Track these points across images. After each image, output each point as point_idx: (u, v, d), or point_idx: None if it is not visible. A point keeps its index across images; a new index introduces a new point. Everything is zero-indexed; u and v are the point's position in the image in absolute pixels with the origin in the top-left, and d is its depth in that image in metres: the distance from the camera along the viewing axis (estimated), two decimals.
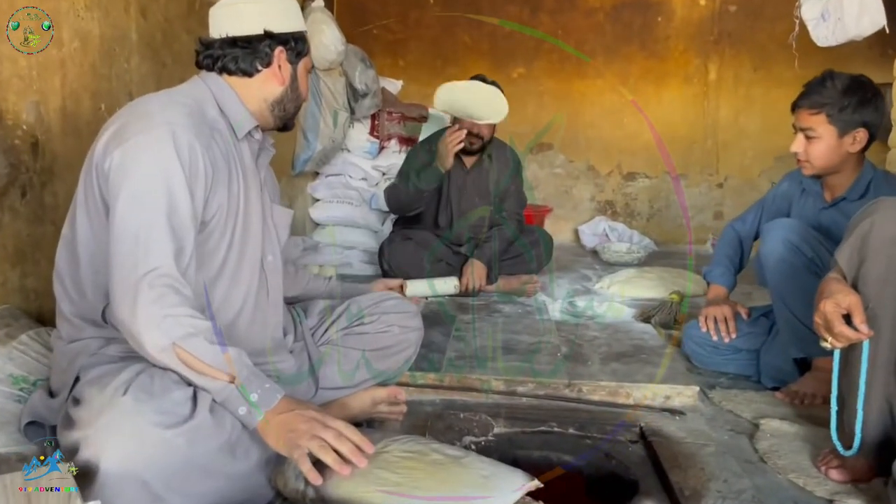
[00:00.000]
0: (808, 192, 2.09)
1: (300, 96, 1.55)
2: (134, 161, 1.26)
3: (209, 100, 1.43)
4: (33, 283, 1.80)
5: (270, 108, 1.51)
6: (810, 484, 1.46)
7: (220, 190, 1.37)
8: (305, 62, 1.55)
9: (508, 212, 3.31)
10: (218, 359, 1.21)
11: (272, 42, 1.46)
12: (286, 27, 1.48)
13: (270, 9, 1.47)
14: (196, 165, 1.30)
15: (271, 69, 1.48)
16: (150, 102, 1.38)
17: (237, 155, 1.44)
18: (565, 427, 1.79)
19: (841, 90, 1.93)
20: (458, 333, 2.36)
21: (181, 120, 1.31)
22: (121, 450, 1.10)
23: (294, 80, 1.53)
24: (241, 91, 1.47)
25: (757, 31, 4.46)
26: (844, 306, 1.40)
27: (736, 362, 2.13)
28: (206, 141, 1.34)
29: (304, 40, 1.53)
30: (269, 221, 1.56)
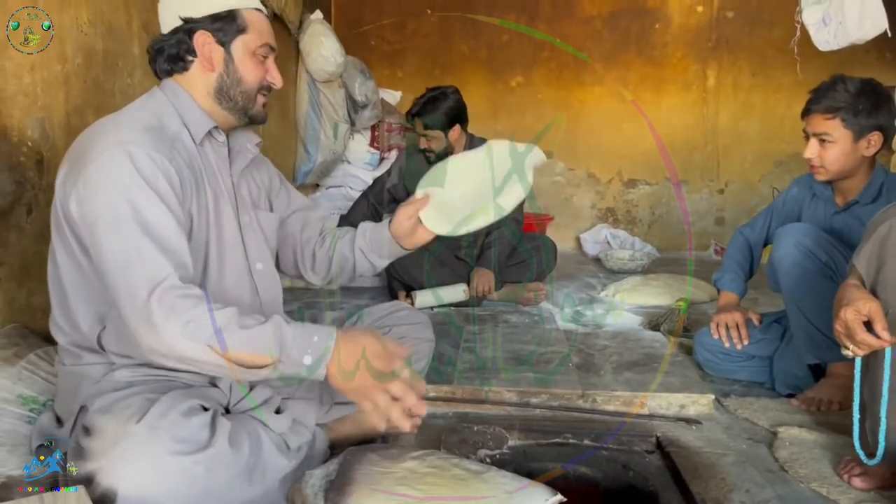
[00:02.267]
0: (819, 196, 2.09)
1: (242, 80, 1.40)
2: (96, 193, 1.20)
3: (168, 109, 1.36)
4: (39, 301, 1.78)
5: (216, 101, 1.40)
6: (834, 493, 1.44)
7: (190, 201, 1.32)
8: (245, 40, 1.39)
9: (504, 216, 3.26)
10: (255, 342, 1.16)
11: (192, 28, 1.37)
12: (202, 10, 1.36)
13: None
14: (164, 174, 1.24)
15: (200, 58, 1.38)
16: (101, 125, 1.32)
17: (201, 163, 1.37)
18: (581, 438, 1.77)
19: (854, 94, 1.92)
20: (468, 345, 2.34)
21: (135, 136, 1.25)
22: (138, 479, 1.08)
23: (229, 63, 1.39)
24: (191, 90, 1.39)
25: (755, 36, 4.48)
26: (865, 313, 1.39)
27: (749, 369, 2.12)
28: (168, 153, 1.27)
29: (234, 18, 1.38)
30: (255, 227, 1.49)
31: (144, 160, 1.22)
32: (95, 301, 1.31)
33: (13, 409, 1.47)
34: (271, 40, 1.43)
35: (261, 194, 1.57)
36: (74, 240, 1.28)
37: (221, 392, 1.34)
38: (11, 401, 1.48)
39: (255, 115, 1.44)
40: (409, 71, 4.77)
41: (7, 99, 1.67)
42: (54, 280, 1.36)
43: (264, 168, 1.63)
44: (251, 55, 1.39)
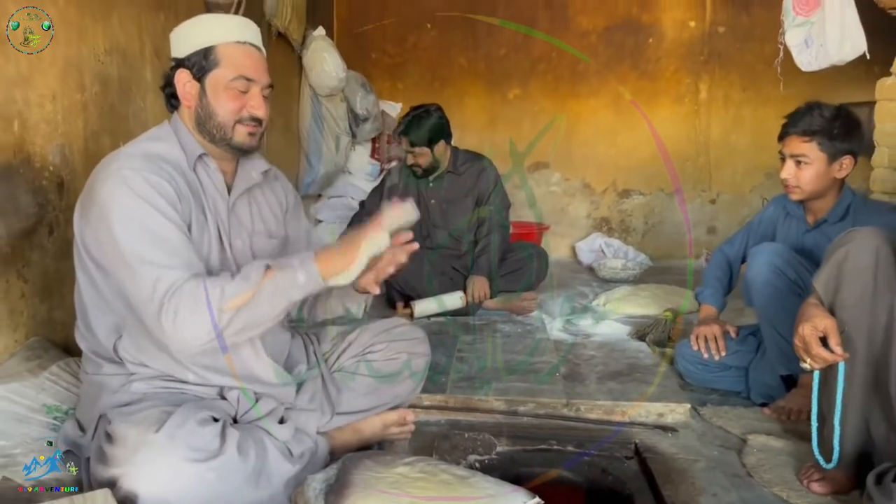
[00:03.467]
0: (792, 215, 2.21)
1: (215, 113, 1.47)
2: (102, 220, 1.35)
3: (171, 138, 1.48)
4: (60, 315, 1.91)
5: (199, 133, 1.50)
6: (793, 496, 1.57)
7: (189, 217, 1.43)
8: (217, 75, 1.46)
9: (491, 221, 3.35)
10: (248, 284, 1.32)
11: (175, 68, 1.50)
12: (185, 50, 1.49)
13: (175, 37, 1.52)
14: (160, 192, 1.36)
15: (181, 92, 1.49)
16: (107, 159, 1.45)
17: (199, 187, 1.48)
18: (565, 445, 1.90)
19: (829, 119, 2.04)
20: (461, 354, 2.46)
21: (132, 163, 1.38)
22: (158, 483, 1.21)
23: (202, 98, 1.48)
24: (187, 122, 1.51)
25: (745, 52, 4.59)
26: (821, 329, 1.51)
27: (726, 379, 2.23)
28: (166, 175, 1.39)
29: (209, 54, 1.46)
30: (247, 252, 1.56)
31: (139, 181, 1.35)
32: (111, 313, 1.45)
33: (39, 417, 1.60)
34: (250, 72, 1.48)
35: (270, 216, 1.66)
36: (91, 262, 1.42)
37: (230, 404, 1.47)
38: (37, 409, 1.61)
39: (238, 144, 1.50)
40: (410, 83, 4.89)
41: (31, 127, 1.80)
42: (77, 294, 1.50)
43: (280, 188, 1.71)
44: (225, 89, 1.46)
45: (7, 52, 1.69)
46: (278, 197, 1.69)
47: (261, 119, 1.51)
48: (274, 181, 1.70)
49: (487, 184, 3.34)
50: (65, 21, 1.90)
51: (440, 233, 3.33)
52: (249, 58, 1.50)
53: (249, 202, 1.60)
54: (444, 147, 3.23)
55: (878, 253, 1.52)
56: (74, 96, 1.97)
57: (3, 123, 1.69)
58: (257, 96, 1.50)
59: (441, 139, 3.20)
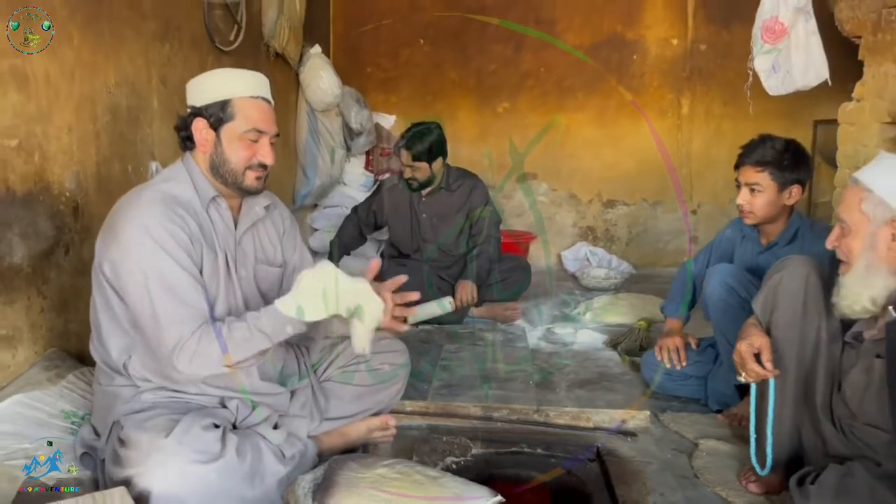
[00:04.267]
0: (748, 237, 2.39)
1: (228, 160, 1.64)
2: (123, 261, 1.53)
3: (185, 178, 1.66)
4: (75, 327, 2.09)
5: (213, 175, 1.67)
6: (732, 496, 1.75)
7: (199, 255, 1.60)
8: (232, 126, 1.63)
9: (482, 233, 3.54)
10: (251, 348, 1.54)
11: (192, 116, 1.66)
12: (203, 100, 1.64)
13: (194, 87, 1.69)
14: (176, 240, 1.54)
15: (197, 139, 1.66)
16: (128, 199, 1.62)
17: (211, 225, 1.65)
18: (534, 448, 2.09)
19: (780, 151, 2.24)
20: (444, 363, 2.65)
21: (152, 210, 1.55)
22: (168, 482, 1.40)
23: (217, 146, 1.64)
24: (199, 165, 1.68)
25: (726, 68, 4.77)
26: (756, 347, 1.70)
27: (687, 387, 2.42)
28: (179, 221, 1.56)
29: (226, 107, 1.62)
30: (251, 280, 1.73)
31: (159, 231, 1.52)
32: (123, 335, 1.63)
33: (58, 422, 1.78)
34: (262, 125, 1.65)
35: (270, 245, 1.83)
36: (109, 287, 1.59)
37: (229, 412, 1.65)
38: (56, 415, 1.79)
39: (247, 188, 1.68)
40: (403, 97, 5.07)
41: (49, 158, 1.98)
42: (93, 312, 1.68)
43: (278, 215, 1.88)
44: (238, 139, 1.63)
45: (29, 91, 1.87)
46: (276, 226, 1.86)
47: (267, 165, 1.69)
48: (273, 210, 1.87)
49: (478, 201, 3.52)
50: (80, 61, 2.08)
51: (429, 246, 3.50)
52: (261, 111, 1.66)
53: (253, 235, 1.78)
54: (441, 163, 3.41)
55: (807, 279, 1.71)
56: (87, 127, 2.16)
57: (25, 156, 1.87)
58: (266, 146, 1.67)
59: (440, 156, 3.39)
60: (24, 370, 1.88)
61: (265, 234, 1.82)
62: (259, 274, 1.77)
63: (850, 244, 1.54)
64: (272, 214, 1.86)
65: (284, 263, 1.85)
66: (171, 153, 2.65)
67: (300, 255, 1.92)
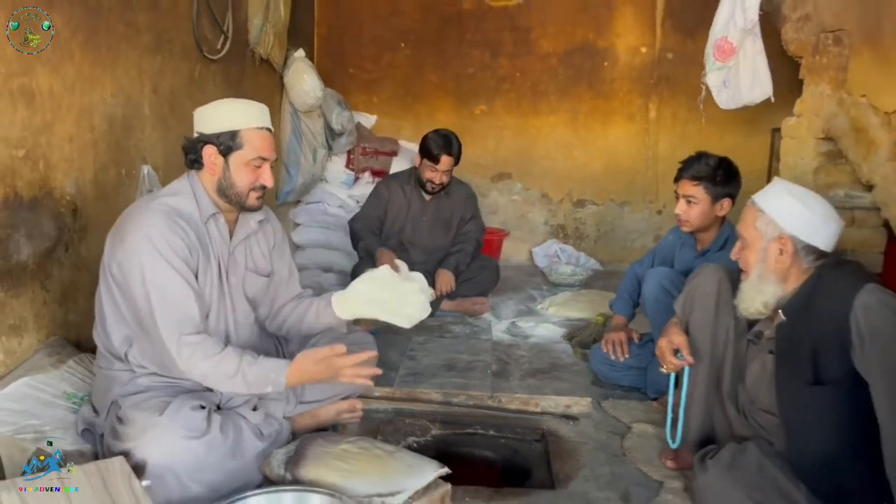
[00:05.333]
0: (686, 244, 2.66)
1: (235, 184, 1.86)
2: (130, 266, 1.76)
3: (188, 193, 1.88)
4: (74, 318, 2.31)
5: (218, 195, 1.89)
6: (651, 471, 2.02)
7: (197, 265, 1.83)
8: (240, 154, 1.84)
9: (468, 234, 3.82)
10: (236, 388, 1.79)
11: (203, 142, 1.87)
12: (214, 128, 1.86)
13: (204, 116, 1.91)
14: (177, 252, 1.76)
15: (207, 163, 1.88)
16: (136, 208, 1.86)
17: (207, 238, 1.88)
18: (487, 430, 2.34)
19: (714, 167, 2.49)
20: (411, 353, 2.90)
21: (154, 220, 1.77)
22: (161, 454, 1.64)
23: (226, 171, 1.86)
24: (204, 184, 1.90)
25: (691, 76, 4.98)
26: (675, 343, 1.96)
27: (629, 377, 2.68)
28: (181, 233, 1.79)
29: (235, 136, 1.84)
30: (240, 287, 1.97)
31: (161, 242, 1.75)
32: (125, 327, 1.86)
33: (60, 402, 2.00)
34: (265, 153, 1.88)
35: (260, 256, 2.05)
36: (115, 285, 1.82)
37: (215, 394, 1.89)
38: (59, 396, 2.02)
39: (249, 206, 1.92)
40: (384, 97, 5.28)
41: (52, 166, 2.19)
42: (98, 304, 1.91)
43: (270, 228, 2.10)
44: (245, 165, 1.86)
45: (35, 106, 2.08)
46: (268, 238, 2.08)
47: (267, 187, 1.91)
48: (266, 224, 2.09)
49: (470, 207, 3.83)
50: (80, 75, 2.30)
51: (418, 249, 3.71)
52: (266, 141, 1.89)
53: (245, 246, 2.01)
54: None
55: (720, 285, 1.97)
56: (86, 136, 2.37)
57: (31, 164, 2.09)
58: (268, 170, 1.90)
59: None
60: (29, 356, 2.10)
61: (256, 246, 2.04)
62: (247, 281, 2.00)
63: (747, 256, 1.79)
64: (264, 228, 2.07)
65: (272, 273, 2.08)
66: (160, 157, 2.88)
67: (289, 266, 2.15)
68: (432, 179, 3.59)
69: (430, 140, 3.58)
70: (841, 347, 1.62)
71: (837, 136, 2.94)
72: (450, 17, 5.14)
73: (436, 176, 3.58)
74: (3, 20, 1.91)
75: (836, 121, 2.93)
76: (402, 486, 1.68)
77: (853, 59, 2.82)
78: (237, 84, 3.68)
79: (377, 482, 1.70)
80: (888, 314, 1.57)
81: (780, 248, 1.73)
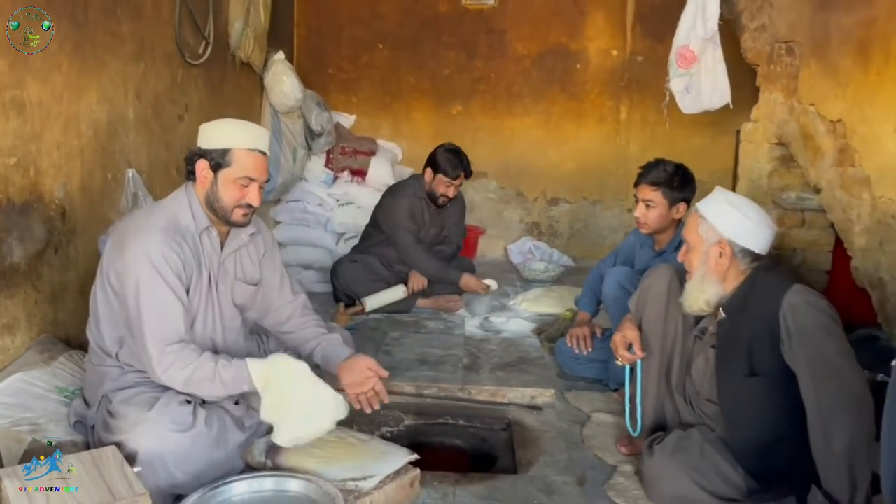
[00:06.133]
0: (645, 245, 2.82)
1: (221, 199, 1.94)
2: (128, 276, 1.87)
3: (185, 205, 1.99)
4: (63, 316, 2.43)
5: (207, 207, 1.98)
6: (607, 456, 2.18)
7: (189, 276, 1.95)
8: (228, 171, 1.93)
9: (450, 239, 4.01)
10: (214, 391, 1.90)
11: (197, 155, 1.97)
12: (209, 144, 1.96)
13: (205, 131, 2.01)
14: (171, 266, 1.88)
15: (199, 175, 1.97)
16: (136, 220, 1.98)
17: (200, 247, 1.99)
18: (457, 420, 2.49)
19: (671, 173, 2.66)
20: (387, 348, 3.04)
21: (153, 236, 1.88)
22: (151, 444, 1.77)
23: (214, 185, 1.95)
24: (199, 195, 2.00)
25: (660, 79, 5.11)
26: (629, 339, 2.12)
27: (592, 369, 2.84)
28: (177, 248, 1.90)
29: (226, 154, 1.93)
30: (228, 295, 2.08)
31: (158, 257, 1.87)
32: (118, 328, 1.98)
33: (53, 396, 2.12)
34: (254, 174, 1.96)
35: (250, 266, 2.16)
36: (110, 289, 1.94)
37: None
38: (51, 390, 2.14)
39: (234, 222, 2.01)
40: (363, 97, 5.40)
41: (42, 172, 2.30)
42: (93, 304, 2.03)
43: (261, 239, 2.21)
44: (232, 182, 1.94)
45: (26, 116, 2.19)
46: (258, 249, 2.19)
47: (253, 206, 2.01)
48: (257, 236, 2.19)
49: (462, 215, 4.09)
50: (68, 85, 2.40)
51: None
52: (256, 162, 1.98)
53: (235, 257, 2.12)
54: None
55: (670, 284, 2.13)
56: (73, 143, 2.48)
57: (22, 171, 2.19)
58: (255, 190, 1.99)
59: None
60: (22, 353, 2.21)
61: (247, 256, 2.16)
62: (236, 290, 2.12)
63: (691, 259, 1.96)
64: (255, 240, 2.18)
65: (261, 281, 2.20)
66: (144, 160, 2.99)
67: (279, 273, 2.27)
68: (446, 194, 3.78)
69: (446, 159, 3.75)
70: (772, 342, 1.79)
71: (789, 142, 3.13)
72: (427, 19, 5.27)
73: (450, 191, 3.77)
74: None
75: (787, 127, 3.12)
76: (374, 471, 1.82)
77: (803, 70, 3.00)
78: (218, 87, 3.79)
79: (351, 467, 1.85)
80: (812, 312, 1.74)
81: (720, 251, 1.90)
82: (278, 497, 1.77)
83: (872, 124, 2.48)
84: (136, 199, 2.80)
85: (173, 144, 3.26)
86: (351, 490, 1.78)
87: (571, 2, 5.22)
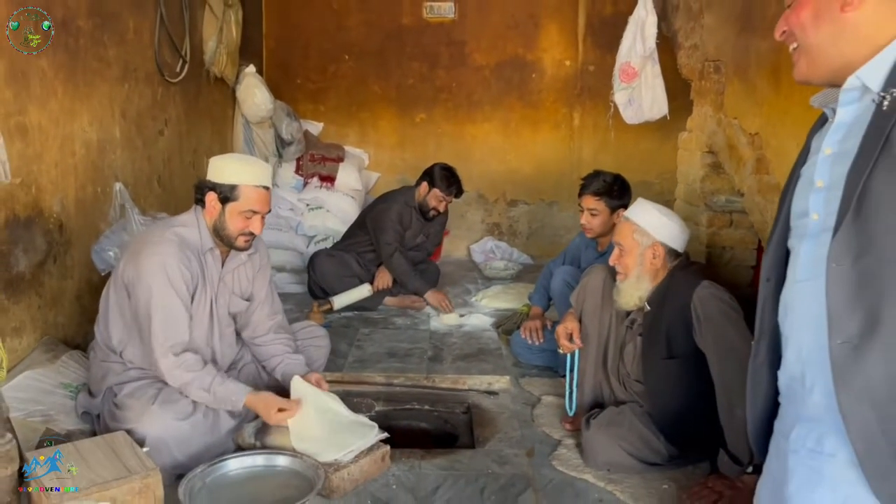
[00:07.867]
0: (589, 246, 3.16)
1: (227, 227, 2.18)
2: (142, 282, 2.12)
3: (194, 226, 2.25)
4: (61, 319, 2.67)
5: (213, 233, 2.24)
6: (553, 432, 2.50)
7: (193, 290, 2.21)
8: (235, 205, 2.16)
9: (423, 246, 4.31)
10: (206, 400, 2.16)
11: (207, 188, 2.21)
12: (219, 178, 2.19)
13: (215, 165, 2.25)
14: (183, 280, 2.15)
15: (208, 206, 2.21)
16: (152, 233, 2.23)
17: (204, 265, 2.25)
18: (422, 405, 2.79)
19: (610, 183, 2.99)
20: (359, 343, 3.33)
21: (169, 250, 2.14)
22: (156, 431, 2.05)
23: (221, 216, 2.18)
24: (207, 221, 2.25)
25: (610, 87, 5.51)
26: (569, 329, 2.45)
27: (543, 358, 3.16)
28: (187, 262, 2.17)
29: (234, 189, 2.15)
30: (225, 309, 2.34)
31: (174, 269, 2.13)
32: (125, 328, 2.23)
33: (59, 391, 2.37)
34: (257, 207, 2.20)
35: (246, 281, 2.41)
36: (125, 294, 2.19)
37: None
38: (57, 386, 2.38)
39: (237, 248, 2.26)
40: (330, 106, 5.65)
41: (42, 189, 2.54)
42: (104, 304, 2.28)
43: (258, 260, 2.45)
44: (238, 214, 2.18)
45: (28, 139, 2.43)
46: (254, 267, 2.44)
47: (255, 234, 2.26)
48: (254, 255, 2.43)
49: (442, 228, 4.43)
50: (64, 110, 2.64)
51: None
52: (260, 197, 2.22)
53: (234, 275, 2.38)
54: None
55: (605, 281, 2.46)
56: (68, 161, 2.71)
57: (25, 189, 2.43)
58: (258, 221, 2.24)
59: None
60: (28, 353, 2.45)
61: (244, 273, 2.42)
62: (231, 302, 2.39)
63: (626, 262, 2.27)
64: (252, 259, 2.44)
65: (252, 296, 2.46)
66: (130, 174, 3.23)
67: (266, 289, 2.51)
68: (437, 208, 4.09)
69: (443, 176, 4.05)
70: (686, 329, 2.13)
71: (717, 151, 3.49)
72: (391, 31, 5.55)
73: (441, 206, 4.09)
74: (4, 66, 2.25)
75: (716, 137, 3.48)
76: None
77: (728, 87, 3.36)
78: (195, 102, 4.02)
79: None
80: (717, 303, 2.08)
81: (654, 253, 2.23)
82: (269, 471, 2.05)
83: (782, 139, 2.84)
84: (122, 210, 3.04)
85: (155, 158, 3.50)
86: (330, 463, 2.07)
87: (527, 15, 5.55)
